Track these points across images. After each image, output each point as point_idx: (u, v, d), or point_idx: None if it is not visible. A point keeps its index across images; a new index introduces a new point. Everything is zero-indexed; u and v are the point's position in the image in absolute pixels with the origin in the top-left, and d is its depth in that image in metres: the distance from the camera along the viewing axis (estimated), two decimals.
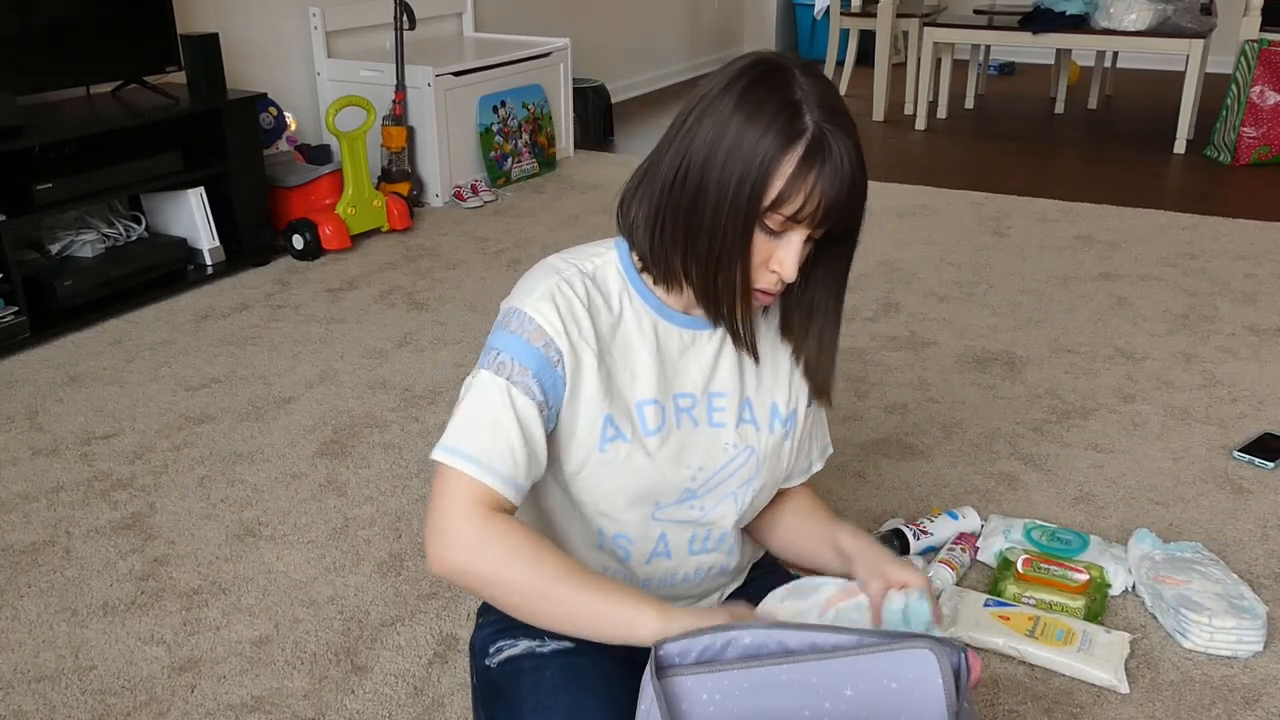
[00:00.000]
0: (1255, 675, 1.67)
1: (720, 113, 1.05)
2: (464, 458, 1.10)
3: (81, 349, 2.88)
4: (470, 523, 1.08)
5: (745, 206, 1.04)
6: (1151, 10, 4.79)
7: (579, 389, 1.14)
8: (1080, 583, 1.80)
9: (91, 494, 2.20)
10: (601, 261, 1.18)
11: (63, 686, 1.67)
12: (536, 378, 1.12)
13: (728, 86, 1.06)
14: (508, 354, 1.12)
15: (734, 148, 1.04)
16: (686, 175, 1.07)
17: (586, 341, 1.14)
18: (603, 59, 5.81)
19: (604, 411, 1.15)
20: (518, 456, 1.11)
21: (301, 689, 1.66)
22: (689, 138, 1.07)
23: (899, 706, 0.98)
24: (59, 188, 2.90)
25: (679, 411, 1.20)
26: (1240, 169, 4.59)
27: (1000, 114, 5.78)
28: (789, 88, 1.04)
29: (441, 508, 1.10)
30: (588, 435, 1.16)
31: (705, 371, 1.20)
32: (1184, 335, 2.91)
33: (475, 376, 1.14)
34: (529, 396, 1.11)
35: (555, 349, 1.12)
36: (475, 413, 1.12)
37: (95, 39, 3.13)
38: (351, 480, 2.24)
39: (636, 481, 1.18)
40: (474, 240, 3.72)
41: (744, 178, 1.03)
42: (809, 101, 1.04)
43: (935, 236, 3.73)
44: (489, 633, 1.34)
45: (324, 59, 4.07)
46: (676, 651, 1.00)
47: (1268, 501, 2.14)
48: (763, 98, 1.04)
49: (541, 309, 1.13)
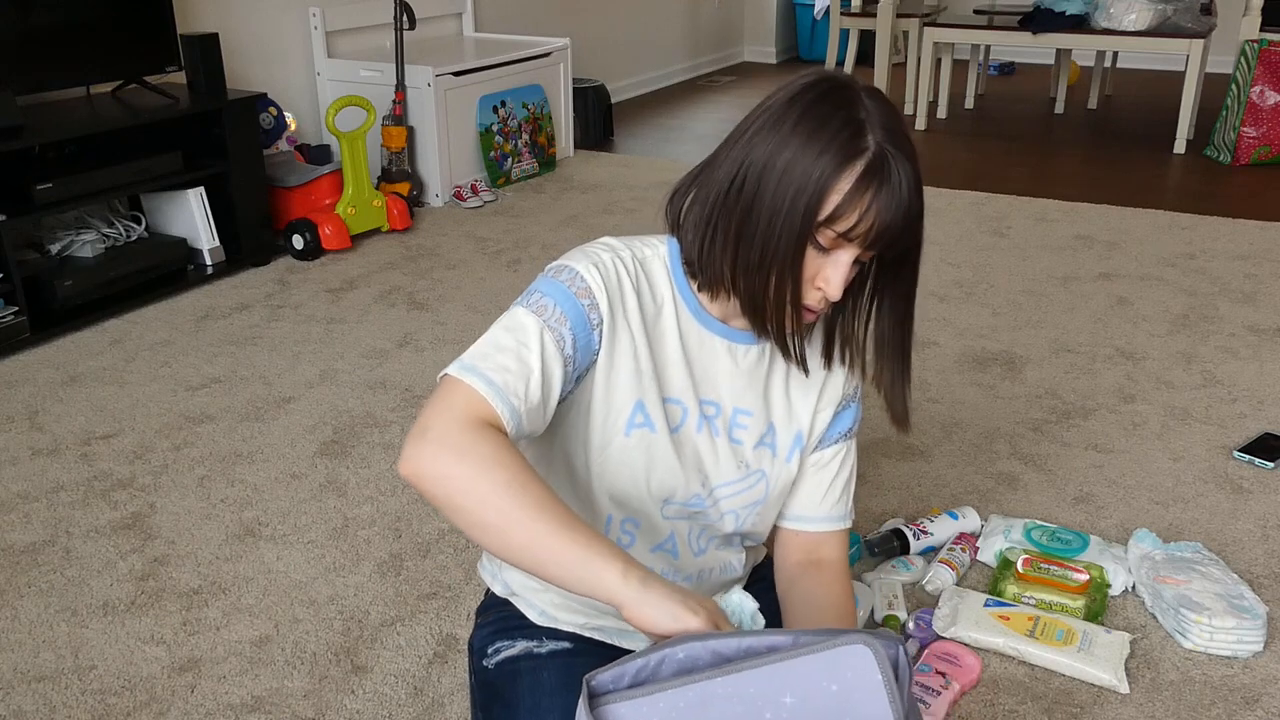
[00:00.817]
0: (1255, 675, 1.67)
1: (783, 126, 1.04)
2: (479, 376, 1.04)
3: (81, 349, 2.88)
4: (461, 426, 1.00)
5: (800, 220, 1.03)
6: (1151, 10, 4.79)
7: (614, 364, 1.13)
8: (1080, 583, 1.80)
9: (91, 494, 2.20)
10: (652, 253, 1.18)
11: (63, 686, 1.67)
12: (573, 331, 1.09)
13: (792, 101, 1.05)
14: (551, 299, 1.10)
15: (793, 160, 1.03)
16: (743, 185, 1.06)
17: (630, 319, 1.14)
18: (603, 59, 5.81)
19: (636, 396, 1.15)
20: (531, 395, 1.05)
21: (301, 689, 1.66)
22: (749, 147, 1.06)
23: (841, 709, 0.94)
24: (59, 188, 2.90)
25: (702, 418, 1.19)
26: (1240, 169, 4.59)
27: (1000, 114, 5.78)
28: (853, 106, 1.04)
29: (431, 409, 1.02)
30: (617, 417, 1.15)
31: (734, 386, 1.20)
32: (1184, 335, 2.91)
33: (509, 313, 1.10)
34: (558, 346, 1.08)
35: (598, 311, 1.11)
36: (502, 340, 1.07)
37: (95, 39, 3.13)
38: (351, 480, 2.24)
39: (654, 473, 1.18)
40: (474, 240, 3.72)
41: (800, 190, 1.03)
42: (872, 122, 1.03)
43: (935, 236, 3.73)
44: (487, 633, 1.34)
45: (324, 59, 4.07)
46: (610, 679, 0.95)
47: (1268, 501, 2.14)
48: (826, 114, 1.03)
49: (593, 272, 1.12)
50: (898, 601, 1.81)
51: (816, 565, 1.30)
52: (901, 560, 1.94)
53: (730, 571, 1.32)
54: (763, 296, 1.09)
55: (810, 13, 7.20)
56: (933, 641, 1.73)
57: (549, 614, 1.32)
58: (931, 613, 1.78)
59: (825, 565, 1.31)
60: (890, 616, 1.78)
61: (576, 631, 1.31)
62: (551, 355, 1.07)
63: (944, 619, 1.75)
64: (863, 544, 1.96)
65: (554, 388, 1.08)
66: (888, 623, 1.77)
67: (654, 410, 1.16)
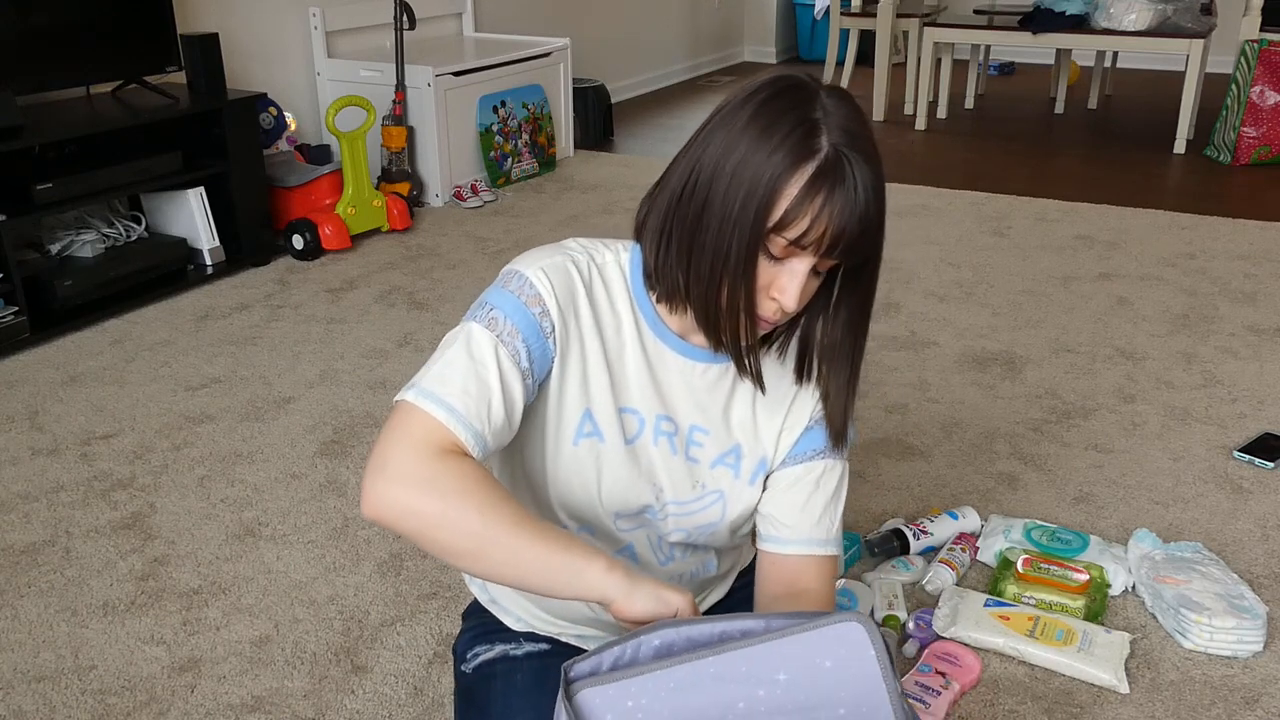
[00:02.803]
0: (1255, 675, 1.67)
1: (734, 126, 0.99)
2: (437, 402, 1.01)
3: (81, 349, 2.88)
4: (420, 458, 0.98)
5: (750, 226, 0.97)
6: (1151, 10, 4.79)
7: (565, 372, 1.10)
8: (1080, 583, 1.80)
9: (91, 494, 2.20)
10: (612, 258, 1.13)
11: (63, 686, 1.67)
12: (526, 342, 1.06)
13: (746, 101, 1.00)
14: (501, 311, 1.06)
15: (743, 162, 0.97)
16: (694, 189, 1.01)
17: (582, 326, 1.09)
18: (603, 59, 5.81)
19: (584, 405, 1.11)
20: (494, 414, 1.03)
21: (301, 689, 1.66)
22: (701, 150, 1.01)
23: (835, 684, 0.94)
24: (59, 188, 2.90)
25: (659, 433, 1.15)
26: (1240, 169, 4.59)
27: (1000, 114, 5.78)
28: (809, 106, 0.98)
29: (388, 441, 1.00)
30: (566, 425, 1.12)
31: (690, 403, 1.15)
32: (1184, 335, 2.91)
33: (462, 328, 1.07)
34: (514, 361, 1.05)
35: (549, 319, 1.07)
36: (458, 361, 1.04)
37: (95, 39, 3.13)
38: (351, 480, 2.24)
39: (604, 484, 1.14)
40: (474, 240, 3.72)
41: (750, 194, 0.97)
42: (829, 122, 0.97)
43: (935, 236, 3.73)
44: (467, 638, 1.33)
45: (324, 59, 4.07)
46: (588, 668, 0.96)
47: (1268, 501, 2.13)
48: (779, 113, 0.97)
49: (543, 277, 1.08)
50: (898, 601, 1.81)
51: (796, 599, 1.18)
52: (901, 560, 1.94)
53: (708, 570, 1.29)
54: (715, 306, 1.03)
55: (810, 13, 7.20)
56: (933, 641, 1.73)
57: (525, 620, 1.31)
58: (931, 613, 1.78)
59: (806, 598, 1.18)
60: (890, 616, 1.78)
61: (552, 635, 1.31)
62: (509, 371, 1.04)
63: (944, 619, 1.75)
64: (863, 544, 1.96)
65: (516, 403, 1.05)
66: (887, 622, 1.77)
67: (605, 420, 1.12)
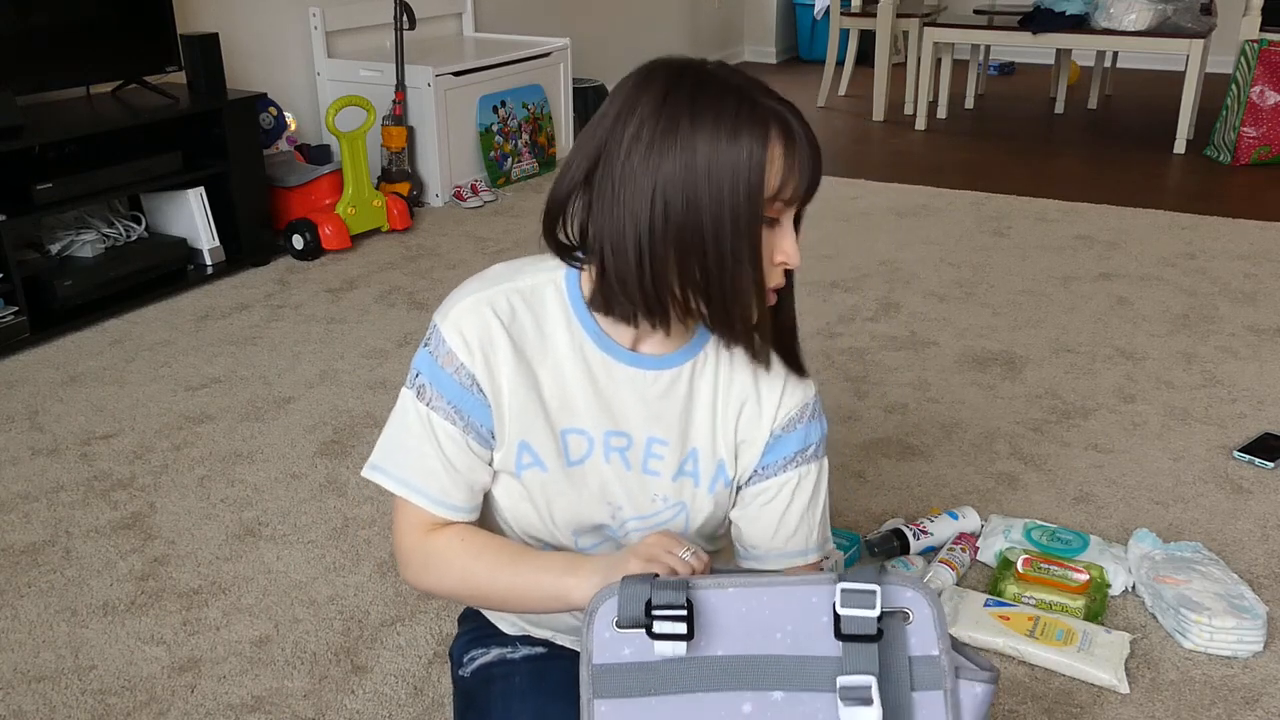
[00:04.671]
0: (1255, 675, 1.67)
1: (677, 133, 0.98)
2: (394, 480, 1.14)
3: (81, 349, 2.88)
4: (412, 548, 1.15)
5: (747, 209, 0.99)
6: (1151, 10, 4.79)
7: (500, 409, 1.12)
8: (1080, 583, 1.80)
9: (91, 494, 2.20)
10: (544, 279, 1.12)
11: (63, 686, 1.67)
12: (453, 404, 1.11)
13: (663, 105, 0.99)
14: (426, 377, 1.12)
15: (713, 158, 0.98)
16: (667, 206, 0.99)
17: (503, 363, 1.10)
18: (603, 59, 5.81)
19: (519, 437, 1.12)
20: (443, 480, 1.13)
21: (301, 689, 1.66)
22: (652, 167, 0.98)
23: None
24: (59, 188, 2.90)
25: (609, 450, 1.14)
26: (1240, 169, 4.59)
27: (1000, 114, 5.78)
28: (723, 81, 1.00)
29: (395, 533, 1.17)
30: (505, 458, 1.14)
31: (645, 414, 1.13)
32: (1184, 335, 2.91)
33: (401, 395, 1.15)
34: (449, 421, 1.11)
35: (467, 373, 1.10)
36: (398, 436, 1.14)
37: (95, 39, 3.13)
38: (351, 480, 2.24)
39: (555, 509, 1.16)
40: (474, 240, 3.72)
41: (736, 182, 0.98)
42: (747, 86, 1.00)
43: (935, 236, 3.73)
44: (464, 642, 1.34)
45: (324, 59, 4.07)
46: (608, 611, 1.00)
47: (1268, 501, 2.14)
48: (713, 99, 0.99)
49: (458, 327, 1.10)
50: None
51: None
52: (901, 560, 1.94)
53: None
54: (733, 301, 1.03)
55: (810, 13, 7.20)
56: None
57: (519, 624, 1.32)
58: None
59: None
60: None
61: (548, 638, 1.31)
62: (446, 435, 1.12)
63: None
64: (863, 544, 1.97)
65: (461, 460, 1.13)
66: None
67: (543, 447, 1.13)
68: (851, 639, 0.97)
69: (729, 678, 0.96)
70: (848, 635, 0.97)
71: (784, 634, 0.96)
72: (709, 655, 0.96)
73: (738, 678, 0.96)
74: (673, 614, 0.96)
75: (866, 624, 0.96)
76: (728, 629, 0.96)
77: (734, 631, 0.96)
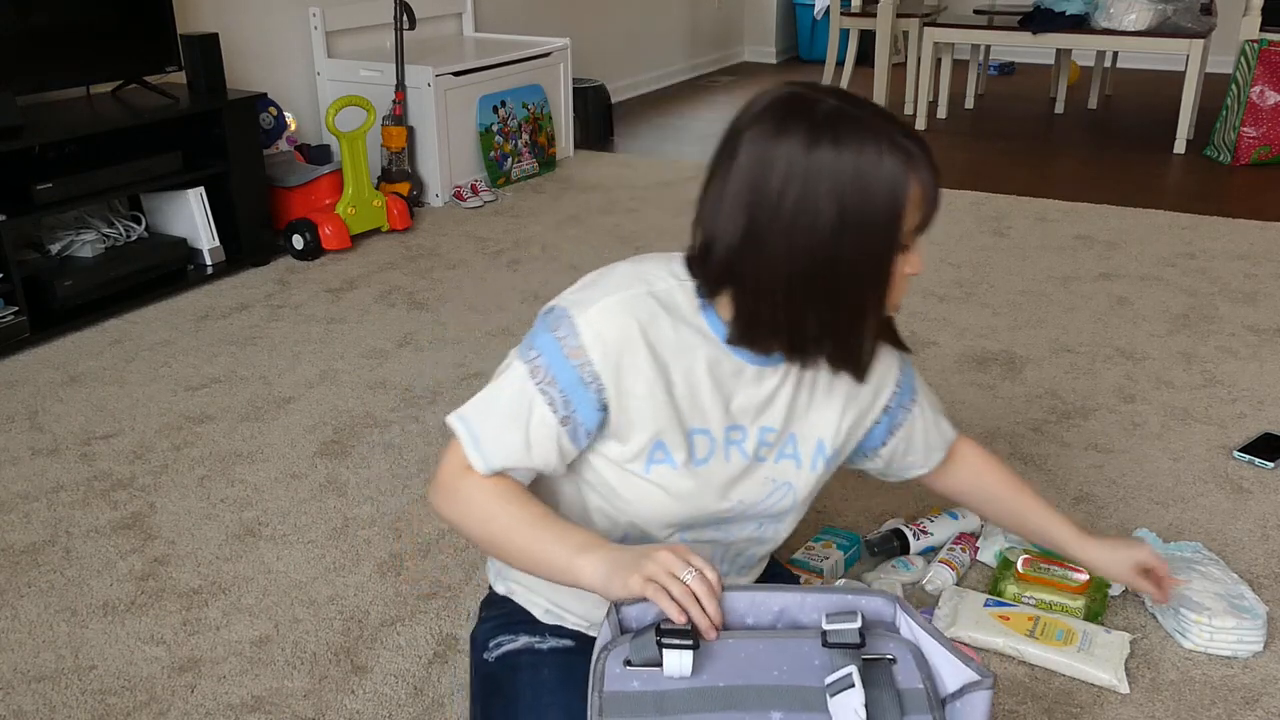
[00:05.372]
0: (1255, 675, 1.67)
1: (823, 183, 1.03)
2: (470, 435, 1.16)
3: (81, 349, 2.88)
4: (450, 479, 1.18)
5: (889, 243, 1.06)
6: (1151, 10, 4.79)
7: (628, 407, 1.14)
8: (1080, 583, 1.80)
9: (91, 494, 2.20)
10: (674, 284, 1.16)
11: (63, 686, 1.67)
12: (565, 393, 1.12)
13: (808, 154, 1.03)
14: (544, 360, 1.13)
15: (863, 208, 1.03)
16: (813, 256, 1.04)
17: (639, 367, 1.13)
18: (603, 59, 5.81)
19: (654, 435, 1.16)
20: (514, 456, 1.15)
21: (301, 689, 1.66)
22: (803, 222, 1.04)
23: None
24: (59, 188, 2.90)
25: (729, 444, 1.20)
26: (1240, 169, 4.59)
27: (1000, 114, 5.78)
28: (861, 121, 1.04)
29: (442, 459, 1.20)
30: (635, 456, 1.17)
31: (760, 406, 1.20)
32: (1184, 335, 2.91)
33: (513, 365, 1.16)
34: (552, 409, 1.13)
35: (591, 371, 1.12)
36: (496, 402, 1.16)
37: (95, 39, 3.13)
38: (351, 480, 2.24)
39: (676, 505, 1.20)
40: (474, 240, 3.72)
41: (881, 221, 1.04)
42: (880, 124, 1.04)
43: (935, 236, 3.73)
44: (490, 627, 1.35)
45: (324, 59, 4.07)
46: (634, 616, 1.05)
47: (1268, 501, 2.13)
48: (856, 147, 1.03)
49: (597, 326, 1.12)
50: None
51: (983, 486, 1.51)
52: (901, 560, 1.94)
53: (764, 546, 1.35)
54: (862, 336, 1.11)
55: (810, 13, 7.20)
56: None
57: (555, 612, 1.32)
58: (931, 613, 1.78)
59: (987, 476, 1.50)
60: None
61: (580, 629, 1.32)
62: (541, 422, 1.14)
63: (944, 619, 1.75)
64: (863, 544, 1.96)
65: (544, 450, 1.15)
66: None
67: (675, 445, 1.17)
68: (837, 646, 1.04)
69: (730, 700, 1.01)
70: (833, 644, 1.04)
71: (780, 672, 1.03)
72: (712, 685, 1.01)
73: (738, 702, 1.00)
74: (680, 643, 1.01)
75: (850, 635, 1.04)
76: (728, 668, 1.02)
77: (734, 667, 1.03)
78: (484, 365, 2.76)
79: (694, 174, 4.52)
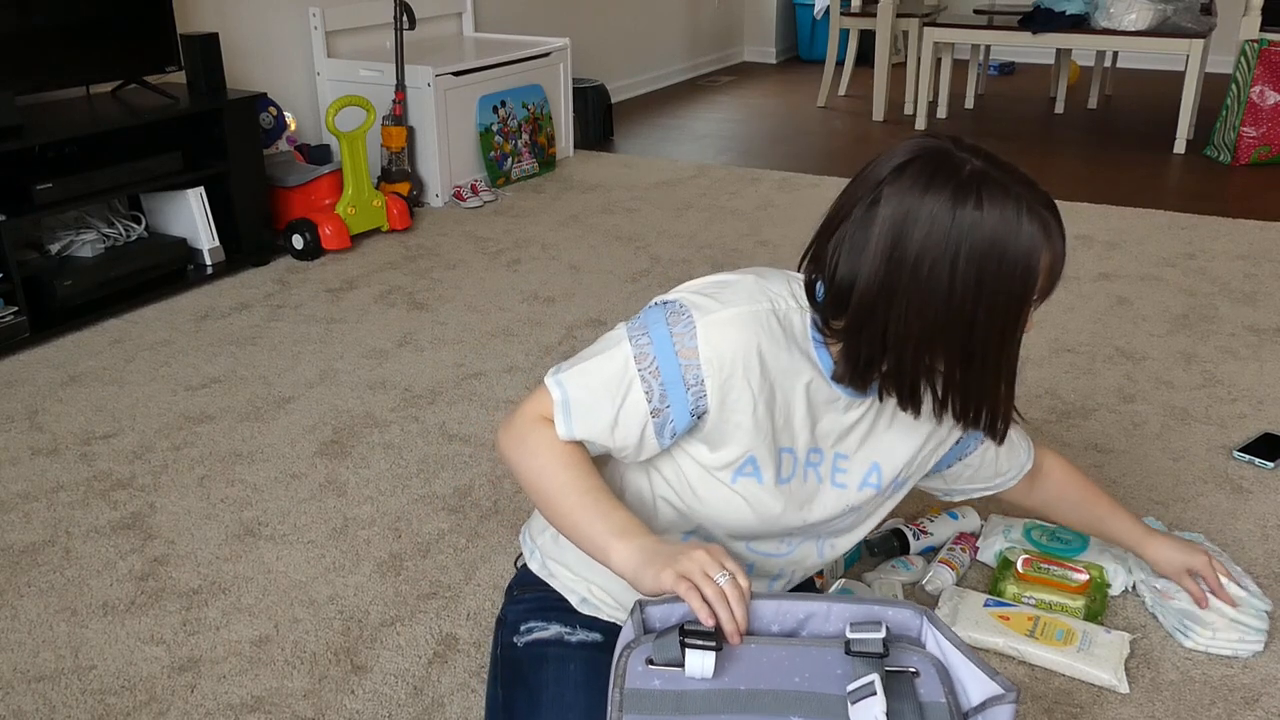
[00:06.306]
0: (1255, 675, 1.67)
1: (961, 238, 1.04)
2: (563, 401, 1.17)
3: (81, 349, 2.88)
4: (524, 423, 1.19)
5: (1018, 311, 1.07)
6: (1151, 10, 4.79)
7: (728, 416, 1.15)
8: (1080, 583, 1.80)
9: (91, 494, 2.20)
10: (794, 304, 1.17)
11: (63, 686, 1.67)
12: (664, 387, 1.13)
13: (954, 208, 1.04)
14: (654, 349, 1.13)
15: (1000, 274, 1.04)
16: (946, 317, 1.06)
17: (749, 382, 1.14)
18: (603, 59, 5.81)
19: (749, 449, 1.17)
20: (596, 429, 1.17)
21: (301, 689, 1.66)
22: (944, 276, 1.04)
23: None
24: (59, 188, 2.90)
25: (808, 465, 1.22)
26: (1240, 169, 4.59)
27: (1000, 114, 5.78)
28: (1002, 182, 1.05)
29: (525, 402, 1.22)
30: (725, 465, 1.18)
31: (841, 433, 1.23)
32: (1184, 335, 2.91)
33: (621, 344, 1.16)
34: (648, 398, 1.14)
35: (697, 375, 1.12)
36: (596, 375, 1.17)
37: (95, 39, 3.13)
38: (351, 480, 2.24)
39: (753, 517, 1.21)
40: (474, 240, 3.72)
41: (1016, 289, 1.05)
42: (1018, 188, 1.05)
43: None
44: (522, 609, 1.34)
45: (324, 59, 4.07)
46: (658, 616, 1.05)
47: (1268, 501, 2.14)
48: (999, 205, 1.04)
49: (717, 334, 1.12)
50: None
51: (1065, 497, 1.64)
52: (901, 560, 1.94)
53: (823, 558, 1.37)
54: (994, 391, 1.12)
55: (810, 13, 7.20)
56: None
57: (591, 601, 1.33)
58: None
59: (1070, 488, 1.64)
60: None
61: (614, 620, 1.32)
62: (632, 408, 1.15)
63: (944, 619, 1.75)
64: (863, 544, 1.96)
65: (626, 435, 1.16)
66: None
67: (765, 462, 1.18)
68: (860, 655, 1.04)
69: (749, 704, 1.01)
70: (856, 652, 1.04)
71: (801, 678, 1.03)
72: (732, 688, 1.02)
73: (758, 705, 1.01)
74: (704, 644, 1.01)
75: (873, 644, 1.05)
76: (749, 672, 1.03)
77: (756, 672, 1.03)
78: (484, 365, 2.76)
79: (694, 174, 4.53)
